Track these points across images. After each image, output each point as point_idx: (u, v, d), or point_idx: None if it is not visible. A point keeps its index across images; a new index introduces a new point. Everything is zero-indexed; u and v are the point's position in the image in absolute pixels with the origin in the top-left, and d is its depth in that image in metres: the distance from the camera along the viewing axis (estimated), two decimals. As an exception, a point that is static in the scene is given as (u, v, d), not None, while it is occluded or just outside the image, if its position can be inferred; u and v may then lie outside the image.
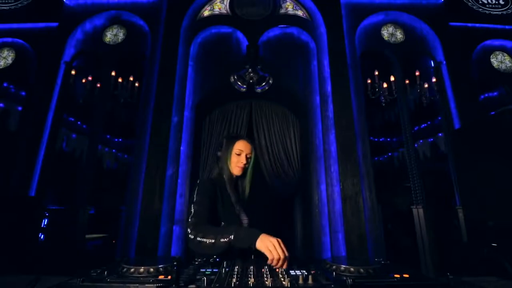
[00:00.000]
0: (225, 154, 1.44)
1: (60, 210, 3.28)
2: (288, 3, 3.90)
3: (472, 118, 3.38)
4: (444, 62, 3.70)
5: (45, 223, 3.14)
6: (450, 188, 3.32)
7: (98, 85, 3.50)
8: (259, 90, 3.55)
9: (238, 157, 1.42)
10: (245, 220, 1.40)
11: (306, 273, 0.81)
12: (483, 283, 1.06)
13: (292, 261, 1.00)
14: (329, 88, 3.43)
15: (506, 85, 3.83)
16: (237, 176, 1.46)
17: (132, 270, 0.84)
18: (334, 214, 3.10)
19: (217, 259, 1.08)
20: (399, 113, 3.61)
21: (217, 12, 3.85)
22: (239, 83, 3.52)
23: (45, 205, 3.24)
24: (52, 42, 3.76)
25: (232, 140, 1.46)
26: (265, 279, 0.79)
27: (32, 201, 3.12)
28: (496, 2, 4.22)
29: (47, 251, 3.01)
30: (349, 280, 0.74)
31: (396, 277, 0.82)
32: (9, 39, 3.93)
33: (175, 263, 0.80)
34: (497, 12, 4.15)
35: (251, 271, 0.83)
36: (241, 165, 1.42)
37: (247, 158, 1.43)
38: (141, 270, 0.84)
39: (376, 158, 3.93)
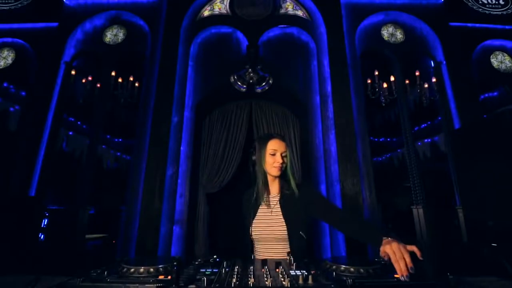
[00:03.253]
0: (259, 157, 1.40)
1: (60, 210, 3.28)
2: (288, 3, 3.90)
3: (472, 118, 3.38)
4: (444, 62, 3.70)
5: (45, 223, 3.14)
6: (450, 188, 3.32)
7: (98, 85, 3.50)
8: (259, 90, 3.55)
9: (273, 157, 1.38)
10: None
11: (306, 273, 0.81)
12: (483, 283, 1.06)
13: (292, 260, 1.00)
14: (329, 88, 3.43)
15: (506, 85, 3.83)
16: (276, 177, 1.43)
17: (132, 270, 0.84)
18: (334, 214, 3.10)
19: (217, 259, 1.08)
20: (399, 113, 3.61)
21: (217, 12, 3.85)
22: (239, 83, 3.52)
23: (45, 205, 3.24)
24: (52, 42, 3.76)
25: (265, 141, 1.41)
26: (265, 279, 0.79)
27: (32, 201, 3.12)
28: (496, 2, 4.22)
29: (47, 251, 3.01)
30: (349, 280, 0.74)
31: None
32: (9, 39, 3.93)
33: (175, 263, 0.80)
34: (497, 12, 4.15)
35: (251, 271, 0.83)
36: (278, 165, 1.37)
37: (282, 157, 1.38)
38: (141, 270, 0.84)
39: (376, 158, 3.93)
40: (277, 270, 0.91)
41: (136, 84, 3.55)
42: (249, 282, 0.76)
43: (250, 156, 1.46)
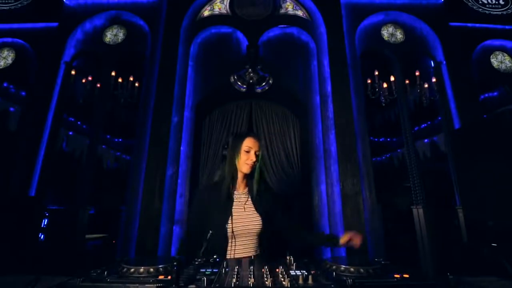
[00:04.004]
0: (232, 152, 1.42)
1: (60, 210, 3.28)
2: (288, 3, 3.90)
3: (472, 118, 3.38)
4: (444, 62, 3.70)
5: (45, 223, 3.14)
6: (450, 188, 3.32)
7: (98, 85, 3.50)
8: (259, 90, 3.55)
9: (248, 155, 1.41)
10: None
11: (306, 273, 0.81)
12: (483, 283, 1.06)
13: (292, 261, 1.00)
14: (329, 88, 3.43)
15: (506, 85, 3.83)
16: (246, 174, 1.45)
17: (132, 270, 0.84)
18: (334, 214, 3.10)
19: (217, 259, 1.08)
20: (399, 113, 3.61)
21: (217, 12, 3.85)
22: (239, 83, 3.52)
23: (45, 205, 3.24)
24: (52, 42, 3.76)
25: (241, 138, 1.44)
26: (265, 279, 0.79)
27: (32, 201, 3.12)
28: (496, 2, 4.22)
29: (47, 251, 3.01)
30: (349, 280, 0.74)
31: (396, 277, 0.82)
32: (9, 39, 3.93)
33: (175, 263, 0.80)
34: (497, 12, 4.15)
35: (251, 271, 0.83)
36: (251, 162, 1.40)
37: (256, 155, 1.41)
38: (141, 270, 0.84)
39: (376, 158, 3.93)
40: (277, 270, 0.91)
41: (136, 84, 3.54)
42: (249, 282, 0.76)
43: (222, 151, 1.49)
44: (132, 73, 3.58)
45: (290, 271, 0.87)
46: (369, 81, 3.52)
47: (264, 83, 3.53)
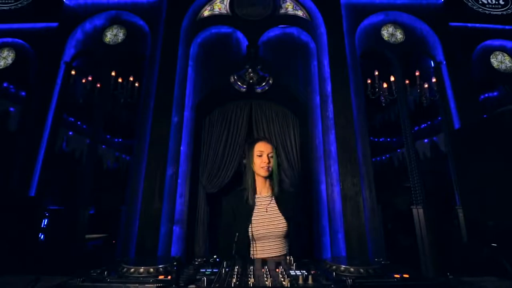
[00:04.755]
0: (248, 159, 1.51)
1: (60, 210, 3.28)
2: (288, 3, 3.89)
3: (472, 118, 3.38)
4: (444, 62, 3.70)
5: (45, 223, 3.14)
6: (450, 188, 3.32)
7: (98, 85, 3.50)
8: (259, 90, 3.55)
9: (260, 158, 1.48)
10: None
11: (306, 273, 0.81)
12: (483, 283, 1.06)
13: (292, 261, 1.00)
14: (329, 88, 3.43)
15: (506, 85, 3.83)
16: (266, 178, 1.51)
17: (132, 270, 0.84)
18: (334, 214, 3.10)
19: (217, 259, 1.08)
20: (399, 113, 3.61)
21: (217, 12, 3.85)
22: (239, 83, 3.52)
23: (45, 205, 3.24)
24: (52, 42, 3.76)
25: (252, 144, 1.53)
26: (265, 279, 0.79)
27: (32, 201, 3.12)
28: (496, 2, 4.22)
29: (47, 251, 3.01)
30: (349, 280, 0.74)
31: (396, 277, 0.82)
32: (9, 39, 3.93)
33: (175, 263, 0.80)
34: (497, 12, 4.15)
35: (251, 271, 0.83)
36: (265, 165, 1.47)
37: (269, 158, 1.47)
38: (141, 270, 0.84)
39: (376, 158, 3.93)
40: (277, 270, 0.91)
41: (136, 84, 3.55)
42: (249, 282, 0.76)
43: (241, 160, 1.58)
44: (132, 73, 3.58)
45: (290, 271, 0.87)
46: (369, 81, 3.52)
47: (264, 83, 3.53)
